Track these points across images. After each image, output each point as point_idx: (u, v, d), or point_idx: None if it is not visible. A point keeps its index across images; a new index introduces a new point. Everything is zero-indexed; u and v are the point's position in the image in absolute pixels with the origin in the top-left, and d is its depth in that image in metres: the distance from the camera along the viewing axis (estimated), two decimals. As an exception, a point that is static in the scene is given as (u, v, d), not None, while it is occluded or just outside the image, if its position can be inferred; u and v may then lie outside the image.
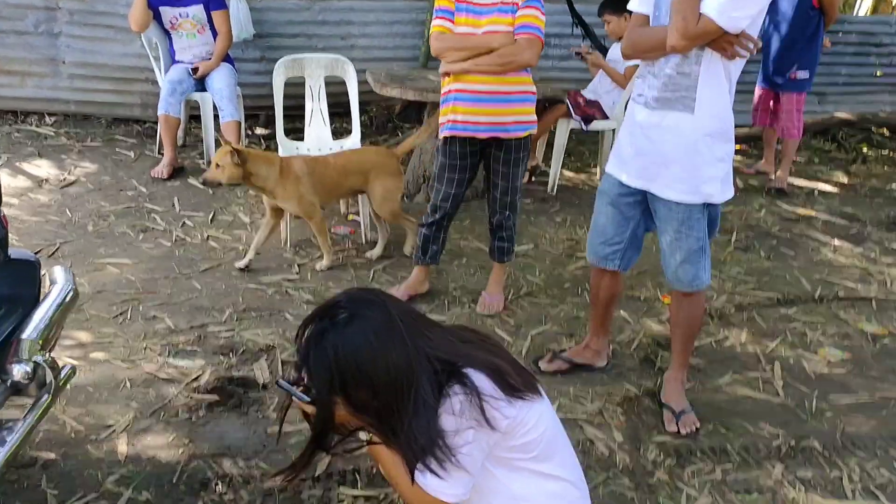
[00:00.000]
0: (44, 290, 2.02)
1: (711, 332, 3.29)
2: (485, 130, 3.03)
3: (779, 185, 5.34)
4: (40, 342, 1.80)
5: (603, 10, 4.83)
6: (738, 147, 6.15)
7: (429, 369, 1.42)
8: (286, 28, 5.66)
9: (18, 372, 1.74)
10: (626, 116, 2.58)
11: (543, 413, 1.53)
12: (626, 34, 2.51)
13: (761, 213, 4.84)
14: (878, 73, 6.94)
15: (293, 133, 4.79)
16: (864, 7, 8.19)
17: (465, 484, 1.45)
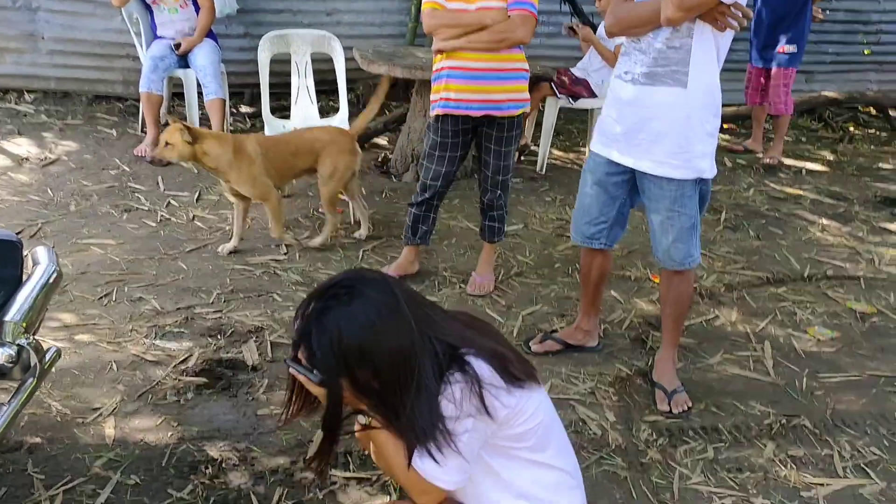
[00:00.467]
0: (26, 272, 1.97)
1: (702, 311, 3.29)
2: (478, 108, 2.99)
3: (772, 161, 5.37)
4: (24, 325, 1.75)
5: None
6: (725, 126, 6.17)
7: (431, 351, 1.39)
8: (270, 3, 5.57)
9: (2, 355, 1.69)
10: (609, 94, 2.55)
11: (541, 402, 1.51)
12: (610, 10, 2.46)
13: (750, 193, 4.84)
14: (866, 52, 6.94)
15: (279, 111, 4.72)
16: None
17: (463, 471, 1.43)
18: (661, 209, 2.48)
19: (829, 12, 6.48)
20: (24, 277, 1.93)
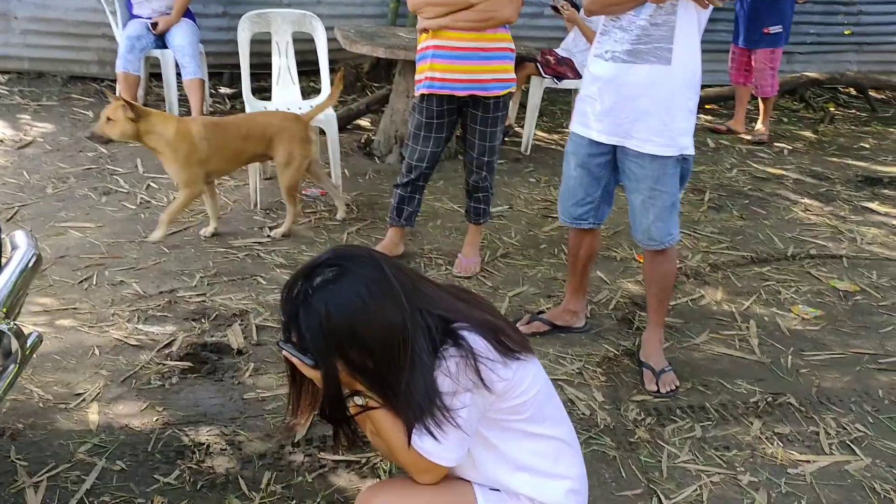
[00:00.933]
0: (5, 256, 1.92)
1: (687, 291, 3.30)
2: (463, 88, 2.96)
3: (759, 137, 5.43)
4: (4, 310, 1.71)
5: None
6: (708, 106, 6.18)
7: (423, 326, 1.36)
8: (249, -18, 5.47)
9: (-18, 341, 1.65)
10: (586, 74, 2.53)
11: (537, 373, 1.49)
12: None
13: (733, 173, 4.86)
14: (846, 32, 6.97)
15: (259, 92, 4.64)
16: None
17: (462, 447, 1.41)
18: (643, 188, 2.48)
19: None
20: (3, 262, 1.89)
